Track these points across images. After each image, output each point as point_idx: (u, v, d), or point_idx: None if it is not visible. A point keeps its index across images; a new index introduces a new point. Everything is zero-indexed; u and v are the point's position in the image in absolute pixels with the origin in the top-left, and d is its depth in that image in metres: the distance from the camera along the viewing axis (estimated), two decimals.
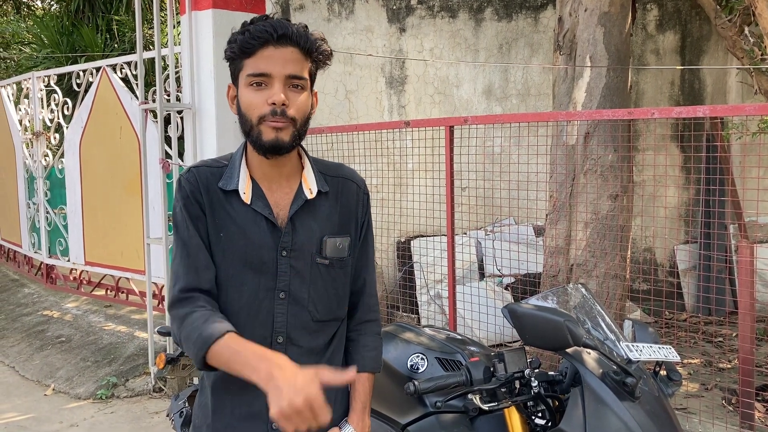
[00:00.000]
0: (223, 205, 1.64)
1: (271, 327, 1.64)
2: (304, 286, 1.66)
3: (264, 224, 1.63)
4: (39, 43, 10.29)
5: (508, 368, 1.95)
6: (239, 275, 1.63)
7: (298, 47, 1.58)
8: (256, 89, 1.56)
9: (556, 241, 4.35)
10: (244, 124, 1.61)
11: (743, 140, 5.13)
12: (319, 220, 1.69)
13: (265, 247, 1.63)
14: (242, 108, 1.59)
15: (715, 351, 5.26)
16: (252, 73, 1.56)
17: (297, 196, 1.67)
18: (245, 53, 1.57)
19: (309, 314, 1.67)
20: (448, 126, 4.15)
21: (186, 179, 1.66)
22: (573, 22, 4.43)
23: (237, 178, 1.64)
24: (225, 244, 1.62)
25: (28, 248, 7.92)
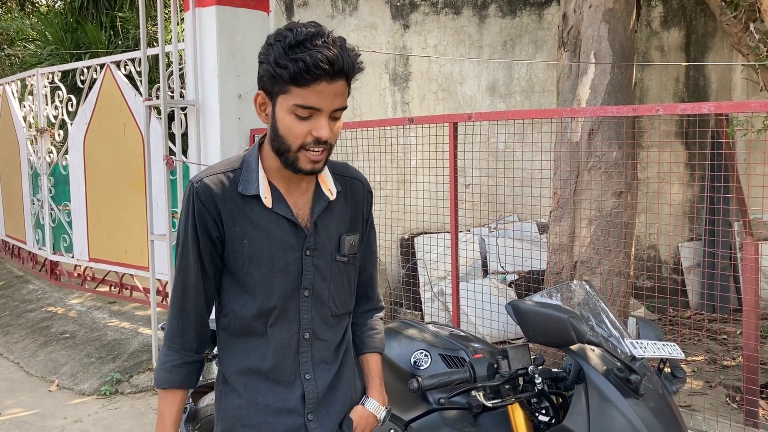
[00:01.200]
0: (243, 211, 1.64)
1: (298, 324, 1.69)
2: (324, 284, 1.71)
3: (286, 226, 1.66)
4: (43, 39, 10.30)
5: (512, 365, 1.95)
6: (268, 278, 1.65)
7: (346, 79, 1.55)
8: (301, 119, 1.54)
9: (560, 238, 4.34)
10: (281, 144, 1.58)
11: (748, 137, 5.11)
12: (336, 218, 1.74)
13: (289, 248, 1.66)
14: (281, 131, 1.56)
15: (720, 348, 5.25)
16: (301, 104, 1.52)
17: (318, 198, 1.70)
18: (296, 83, 1.50)
19: (329, 310, 1.73)
20: (451, 123, 4.14)
21: (197, 189, 1.63)
22: (577, 18, 4.41)
23: (256, 183, 1.64)
24: (250, 249, 1.64)
25: (32, 244, 7.94)
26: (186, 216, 1.66)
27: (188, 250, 1.66)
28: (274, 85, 1.54)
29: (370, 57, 6.06)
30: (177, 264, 1.69)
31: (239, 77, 5.33)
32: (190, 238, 1.65)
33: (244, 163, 1.68)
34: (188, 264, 1.66)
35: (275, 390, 1.68)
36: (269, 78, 1.54)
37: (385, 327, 2.54)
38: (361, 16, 6.06)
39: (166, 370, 1.68)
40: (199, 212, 1.63)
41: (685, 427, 1.93)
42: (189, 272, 1.67)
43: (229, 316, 1.70)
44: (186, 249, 1.66)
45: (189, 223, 1.65)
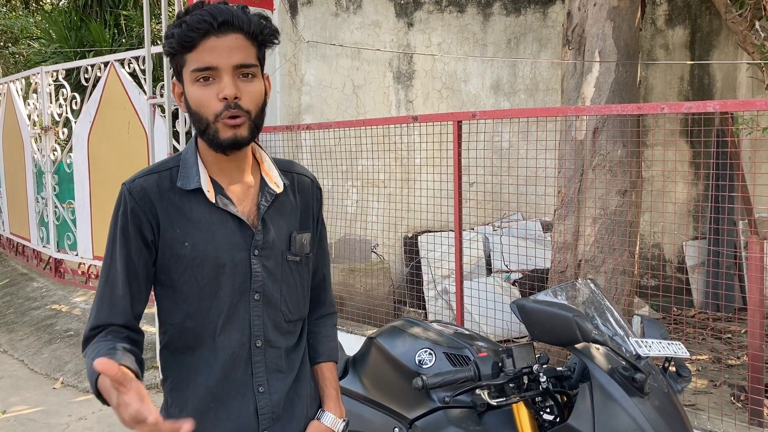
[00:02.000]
0: (182, 211, 1.51)
1: (248, 331, 1.56)
2: (276, 286, 1.59)
3: (231, 224, 1.54)
4: (47, 38, 10.32)
5: (517, 364, 1.94)
6: (213, 282, 1.52)
7: (242, 33, 1.45)
8: (204, 84, 1.44)
9: (564, 236, 4.33)
10: (198, 122, 1.48)
11: (753, 135, 5.10)
12: (286, 215, 1.62)
13: (236, 248, 1.53)
14: (193, 107, 1.47)
15: (724, 347, 5.24)
16: (196, 68, 1.43)
17: (263, 192, 1.59)
18: (185, 47, 1.44)
19: (282, 315, 1.61)
20: (455, 121, 4.13)
21: (131, 190, 1.50)
22: (582, 16, 4.40)
23: (197, 176, 1.52)
24: (192, 252, 1.51)
25: (36, 242, 7.95)
26: (116, 220, 1.51)
27: (116, 257, 1.50)
28: (175, 63, 1.49)
29: (374, 55, 6.06)
30: (103, 275, 1.52)
31: None
32: (118, 244, 1.50)
33: (181, 160, 1.56)
34: (115, 272, 1.50)
35: (226, 407, 1.55)
36: (171, 59, 1.49)
37: (390, 325, 2.54)
38: (365, 14, 6.05)
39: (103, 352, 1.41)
40: (133, 213, 1.49)
41: (690, 426, 1.93)
42: (117, 282, 1.50)
43: (169, 331, 1.56)
44: (114, 256, 1.51)
45: (119, 228, 1.50)
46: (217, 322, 1.53)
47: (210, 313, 1.53)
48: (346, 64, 6.00)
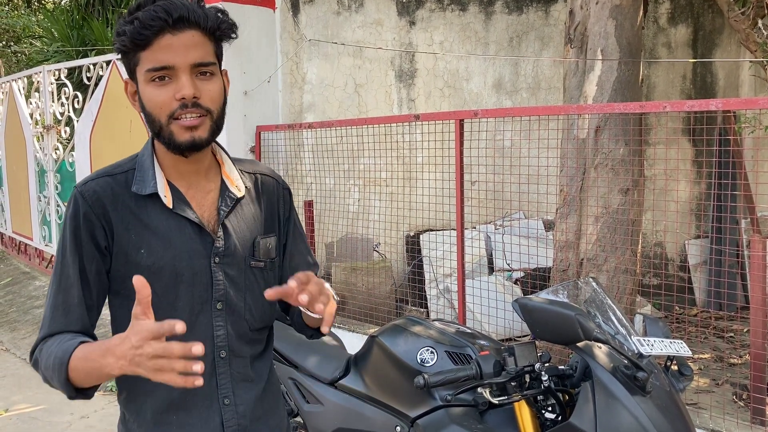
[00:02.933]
0: (138, 217, 1.43)
1: (212, 342, 1.47)
2: (240, 294, 1.50)
3: (190, 230, 1.45)
4: (49, 36, 10.33)
5: (518, 362, 1.94)
6: (170, 291, 1.44)
7: (199, 29, 1.37)
8: (159, 84, 1.36)
9: (566, 235, 4.33)
10: (152, 124, 1.40)
11: (756, 134, 5.09)
12: (248, 220, 1.54)
13: (195, 255, 1.45)
14: (147, 107, 1.39)
15: (726, 346, 5.23)
16: (151, 67, 1.36)
17: (223, 196, 1.50)
18: (139, 45, 1.35)
19: (246, 323, 1.53)
20: (457, 119, 4.13)
21: (83, 193, 1.42)
22: (584, 15, 4.40)
23: (153, 180, 1.44)
24: (148, 260, 1.42)
25: (38, 241, 7.97)
26: (67, 224, 1.43)
27: (68, 263, 1.42)
28: (128, 62, 1.40)
29: (376, 54, 6.06)
30: (54, 282, 1.43)
31: (245, 74, 5.33)
32: (69, 249, 1.42)
33: (137, 163, 1.48)
34: (68, 278, 1.41)
35: (190, 420, 1.47)
36: (122, 57, 1.41)
37: (391, 324, 2.54)
38: (367, 12, 6.05)
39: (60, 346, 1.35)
40: (86, 217, 1.41)
41: (692, 425, 1.93)
42: (71, 289, 1.41)
43: None
44: (65, 261, 1.42)
45: (70, 232, 1.42)
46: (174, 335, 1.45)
47: None
48: (348, 62, 6.00)
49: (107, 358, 1.24)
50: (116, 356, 1.21)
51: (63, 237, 1.44)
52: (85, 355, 1.30)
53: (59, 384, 1.34)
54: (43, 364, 1.37)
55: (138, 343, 1.17)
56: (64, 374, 1.31)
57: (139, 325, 1.18)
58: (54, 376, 1.34)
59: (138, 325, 1.19)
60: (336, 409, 2.53)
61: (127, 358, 1.19)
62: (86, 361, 1.29)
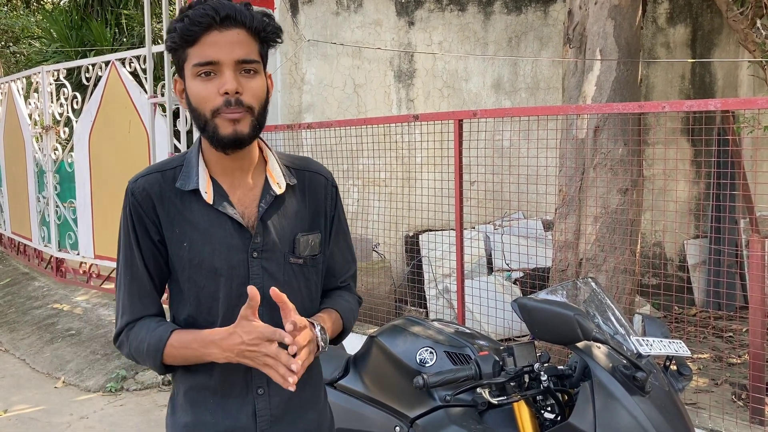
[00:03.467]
0: (182, 212, 1.51)
1: None
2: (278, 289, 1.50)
3: (230, 226, 1.52)
4: (48, 37, 10.33)
5: (518, 362, 1.94)
6: (211, 284, 1.52)
7: (244, 28, 1.44)
8: (205, 80, 1.43)
9: (565, 235, 4.33)
10: (197, 119, 1.47)
11: (755, 134, 5.09)
12: (290, 216, 1.58)
13: (233, 250, 1.51)
14: (193, 102, 1.46)
15: (725, 346, 5.23)
16: (198, 62, 1.43)
17: (264, 192, 1.56)
18: (187, 42, 1.43)
19: None
20: (456, 120, 4.13)
21: (133, 190, 1.51)
22: (583, 15, 4.40)
23: (196, 177, 1.51)
24: (190, 254, 1.50)
25: (38, 242, 7.96)
26: (124, 218, 1.52)
27: (134, 255, 1.52)
28: (177, 59, 1.47)
29: (375, 54, 6.06)
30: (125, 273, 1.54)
31: None
32: (132, 243, 1.52)
33: (185, 160, 1.55)
34: (138, 269, 1.53)
35: (225, 406, 1.54)
36: (173, 54, 1.48)
37: (390, 324, 2.54)
38: (366, 13, 6.05)
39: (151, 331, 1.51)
40: (137, 213, 1.50)
41: (691, 425, 1.93)
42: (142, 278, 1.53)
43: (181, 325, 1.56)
44: (132, 254, 1.52)
45: (129, 227, 1.52)
46: (215, 324, 1.52)
47: (210, 314, 1.53)
48: (347, 63, 6.00)
49: (210, 349, 1.44)
50: (222, 348, 1.42)
51: (125, 231, 1.53)
52: (183, 344, 1.48)
53: (152, 365, 1.52)
54: (133, 349, 1.53)
55: (252, 342, 1.39)
56: (159, 359, 1.50)
57: (251, 326, 1.40)
58: (146, 359, 1.51)
59: (250, 326, 1.40)
60: (335, 410, 2.52)
61: (235, 351, 1.41)
62: (185, 349, 1.48)
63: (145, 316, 1.54)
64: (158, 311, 1.56)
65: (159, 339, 1.49)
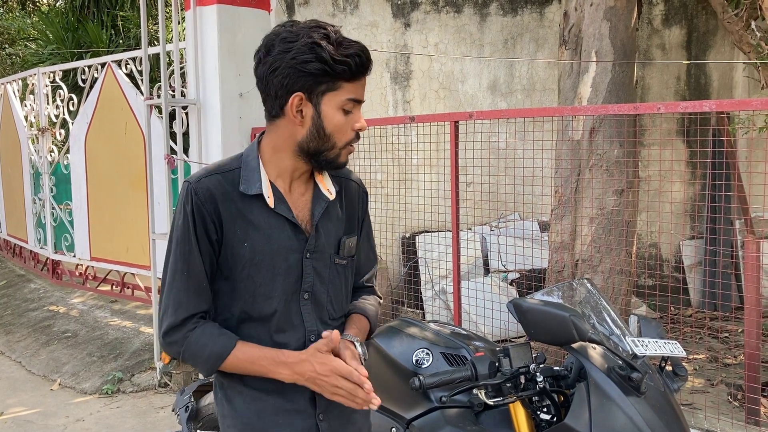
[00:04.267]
0: (243, 213, 1.60)
1: (303, 328, 1.66)
2: (323, 287, 1.69)
3: (288, 228, 1.63)
4: (44, 39, 10.31)
5: (514, 363, 1.95)
6: (269, 282, 1.62)
7: None
8: (346, 114, 1.59)
9: (562, 236, 4.34)
10: (323, 144, 1.60)
11: (750, 135, 5.11)
12: (334, 221, 1.72)
13: (290, 251, 1.63)
14: (328, 129, 1.58)
15: (721, 346, 5.25)
16: (353, 98, 1.58)
17: (317, 198, 1.69)
18: (349, 78, 1.57)
19: (327, 313, 1.71)
20: (453, 121, 4.14)
21: (196, 190, 1.58)
22: (578, 16, 4.41)
23: (259, 182, 1.61)
24: (251, 253, 1.60)
25: (34, 244, 7.95)
26: (184, 216, 1.59)
27: (193, 252, 1.58)
28: (320, 84, 1.56)
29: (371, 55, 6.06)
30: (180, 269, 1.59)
31: (240, 76, 5.33)
32: (191, 240, 1.58)
33: (242, 162, 1.64)
34: (195, 266, 1.59)
35: (283, 391, 1.64)
36: (313, 78, 1.55)
37: (387, 325, 2.55)
38: (362, 14, 6.06)
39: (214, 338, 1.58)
40: (199, 213, 1.57)
41: (687, 425, 1.93)
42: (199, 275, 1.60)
43: (228, 320, 1.65)
44: (190, 250, 1.58)
45: (189, 225, 1.58)
46: (271, 320, 1.63)
47: (265, 310, 1.62)
48: None
49: (281, 369, 1.57)
50: (294, 371, 1.56)
51: (181, 228, 1.59)
52: (249, 358, 1.58)
53: (205, 371, 1.60)
54: (188, 351, 1.58)
55: (326, 373, 1.53)
56: (217, 365, 1.58)
57: (325, 359, 1.54)
58: (202, 363, 1.59)
59: (324, 359, 1.54)
60: None
61: (306, 377, 1.55)
62: (250, 363, 1.58)
63: (199, 312, 1.60)
64: (210, 307, 1.63)
65: (223, 348, 1.57)
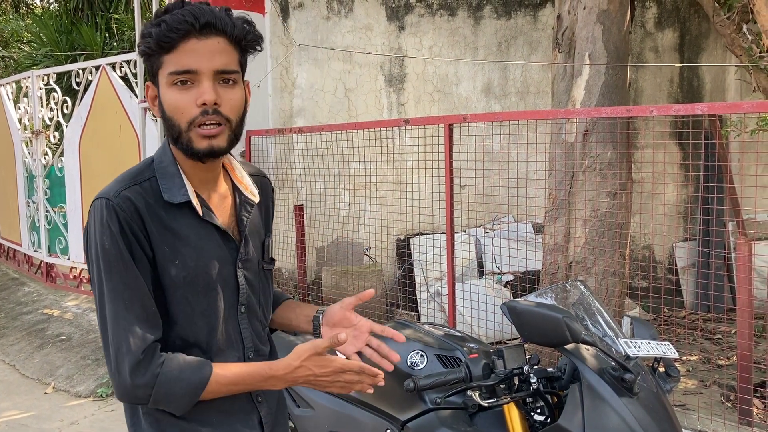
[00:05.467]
0: (169, 227, 1.41)
1: (242, 345, 1.52)
2: (256, 296, 1.56)
3: (217, 237, 1.47)
4: (38, 41, 10.28)
5: (507, 365, 1.96)
6: (203, 300, 1.45)
7: (225, 36, 1.37)
8: (181, 89, 1.35)
9: (555, 238, 4.36)
10: (171, 129, 1.39)
11: (742, 138, 5.14)
12: (257, 223, 1.58)
13: (223, 262, 1.47)
14: (167, 111, 1.38)
15: (714, 348, 5.27)
16: (174, 70, 1.35)
17: (243, 202, 1.53)
18: (163, 48, 1.35)
19: (260, 323, 1.59)
20: (447, 124, 4.15)
21: (118, 204, 1.37)
22: (572, 19, 4.43)
23: (183, 188, 1.42)
24: (183, 271, 1.41)
25: (27, 247, 7.92)
26: (112, 238, 1.36)
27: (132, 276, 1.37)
28: (151, 65, 1.39)
29: (365, 59, 6.07)
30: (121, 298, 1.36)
31: None
32: (126, 263, 1.36)
33: (156, 170, 1.44)
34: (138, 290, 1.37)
35: (229, 421, 1.49)
36: (145, 59, 1.40)
37: None
38: (356, 17, 6.07)
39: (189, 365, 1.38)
40: (129, 229, 1.37)
41: (679, 426, 1.95)
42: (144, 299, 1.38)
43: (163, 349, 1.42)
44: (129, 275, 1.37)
45: (120, 245, 1.36)
46: (209, 341, 1.46)
47: (202, 334, 1.46)
48: (338, 67, 6.01)
49: (271, 382, 1.42)
50: (286, 380, 1.42)
51: (111, 251, 1.36)
52: (233, 381, 1.41)
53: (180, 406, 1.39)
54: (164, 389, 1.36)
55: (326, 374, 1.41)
56: (197, 396, 1.39)
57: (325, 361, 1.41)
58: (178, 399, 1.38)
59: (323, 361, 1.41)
60: (327, 413, 2.54)
61: (301, 380, 1.42)
62: (234, 385, 1.41)
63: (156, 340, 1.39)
64: (161, 334, 1.41)
65: (201, 377, 1.38)
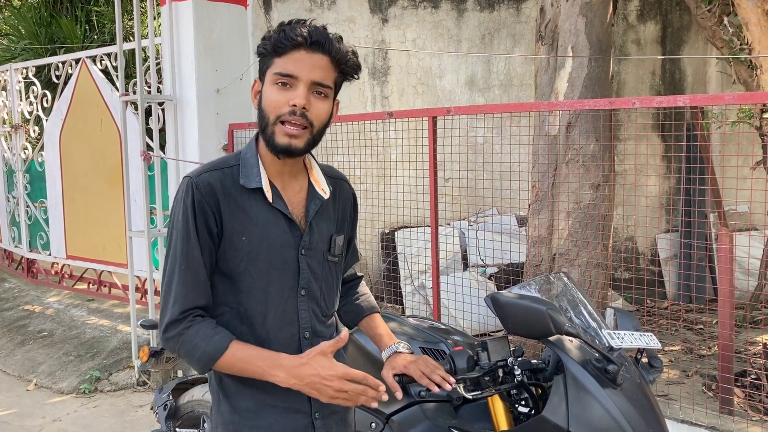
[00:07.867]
0: (242, 208, 1.63)
1: (297, 324, 1.69)
2: (317, 283, 1.73)
3: (284, 223, 1.66)
4: (17, 34, 10.13)
5: (492, 357, 1.96)
6: (265, 277, 1.64)
7: (328, 56, 1.61)
8: (281, 88, 1.58)
9: (539, 230, 4.37)
10: (261, 119, 1.62)
11: (723, 129, 5.18)
12: (327, 219, 1.77)
13: (286, 246, 1.66)
14: (263, 104, 1.61)
15: (696, 338, 5.32)
16: (279, 72, 1.58)
17: (312, 197, 1.73)
18: (276, 52, 1.58)
19: (321, 309, 1.75)
20: (431, 117, 4.15)
21: (197, 184, 1.61)
22: (555, 12, 4.44)
23: (258, 176, 1.65)
24: (248, 247, 1.63)
25: (8, 242, 7.83)
26: (184, 209, 1.60)
27: (192, 245, 1.59)
28: (263, 64, 1.62)
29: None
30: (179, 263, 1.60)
31: (217, 72, 5.29)
32: (191, 234, 1.59)
33: (240, 159, 1.68)
34: (195, 259, 1.60)
35: (280, 389, 1.62)
36: (261, 59, 1.63)
37: None
38: (339, 10, 6.04)
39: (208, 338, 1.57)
40: (200, 205, 1.60)
41: (662, 416, 1.96)
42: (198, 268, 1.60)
43: (225, 315, 1.66)
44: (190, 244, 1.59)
45: (189, 219, 1.59)
46: (267, 314, 1.65)
47: (260, 305, 1.64)
48: None
49: (276, 371, 1.55)
50: (291, 375, 1.54)
51: (181, 222, 1.60)
52: (244, 359, 1.57)
53: (197, 368, 1.60)
54: (184, 349, 1.58)
55: (329, 377, 1.51)
56: (210, 364, 1.57)
57: (330, 363, 1.54)
58: (195, 363, 1.59)
59: (329, 363, 1.54)
60: None
61: (305, 381, 1.53)
62: (245, 363, 1.57)
63: (198, 307, 1.60)
64: (208, 302, 1.63)
65: (215, 349, 1.56)
